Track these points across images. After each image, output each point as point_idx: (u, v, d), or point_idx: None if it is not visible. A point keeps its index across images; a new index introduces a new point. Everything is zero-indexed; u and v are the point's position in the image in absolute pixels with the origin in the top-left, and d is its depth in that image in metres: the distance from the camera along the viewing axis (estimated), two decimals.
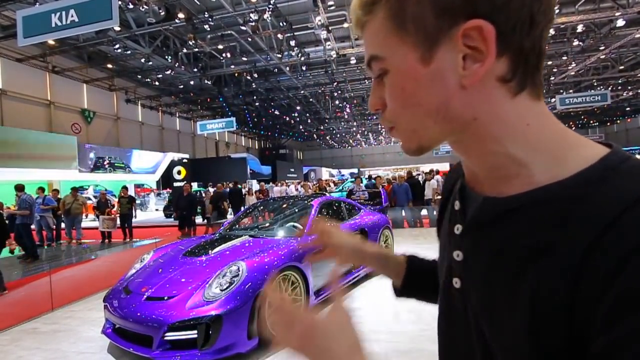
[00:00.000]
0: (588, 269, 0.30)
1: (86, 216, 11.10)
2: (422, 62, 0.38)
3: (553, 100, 19.94)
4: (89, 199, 13.51)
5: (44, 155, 13.33)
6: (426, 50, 0.37)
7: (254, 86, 18.23)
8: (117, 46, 12.36)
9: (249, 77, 17.01)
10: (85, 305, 4.26)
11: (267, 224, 4.43)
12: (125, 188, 9.80)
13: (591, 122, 37.11)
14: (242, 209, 10.16)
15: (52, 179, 13.53)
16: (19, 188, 7.40)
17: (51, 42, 12.32)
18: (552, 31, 13.00)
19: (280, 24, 11.60)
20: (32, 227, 8.39)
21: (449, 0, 0.35)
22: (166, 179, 19.79)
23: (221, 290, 2.68)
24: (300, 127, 31.52)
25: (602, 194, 0.32)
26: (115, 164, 17.35)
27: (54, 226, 9.31)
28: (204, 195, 10.43)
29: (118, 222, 9.23)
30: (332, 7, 10.17)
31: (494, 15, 0.34)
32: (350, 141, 44.60)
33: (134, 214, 9.61)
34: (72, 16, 5.68)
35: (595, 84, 21.01)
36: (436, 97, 0.38)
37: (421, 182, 10.31)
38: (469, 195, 0.45)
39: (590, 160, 0.35)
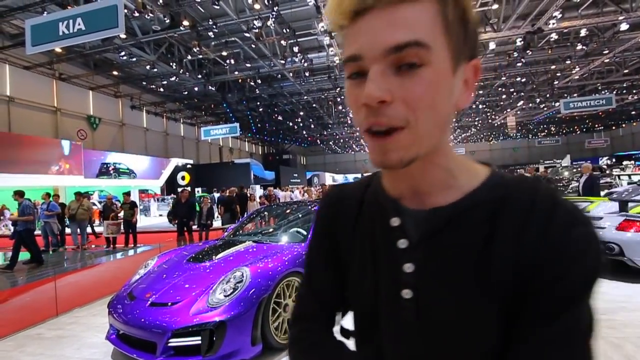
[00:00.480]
0: (526, 236, 0.41)
1: (94, 222, 11.11)
2: (452, 71, 0.41)
3: (557, 104, 19.89)
4: (94, 204, 13.59)
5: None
6: (455, 63, 0.41)
7: (258, 92, 18.36)
8: (122, 53, 12.52)
9: (252, 83, 17.14)
10: (89, 311, 4.27)
11: (271, 230, 4.43)
12: (127, 194, 9.62)
13: (596, 126, 36.89)
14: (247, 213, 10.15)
15: (58, 185, 13.64)
16: (20, 194, 7.34)
17: (58, 50, 12.50)
18: (554, 35, 13.06)
19: (284, 30, 11.70)
20: (38, 232, 8.44)
21: (473, 39, 0.44)
22: (170, 185, 19.88)
23: (225, 296, 2.67)
24: (304, 132, 31.62)
25: (515, 190, 0.44)
26: (120, 170, 17.46)
27: (58, 232, 9.32)
28: (202, 201, 9.55)
29: (122, 227, 9.16)
30: None
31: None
32: (354, 146, 44.60)
33: (137, 220, 9.39)
34: (79, 24, 5.78)
35: (599, 87, 20.90)
36: (448, 108, 0.42)
37: None
38: (404, 211, 0.48)
39: (485, 172, 0.48)
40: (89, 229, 10.82)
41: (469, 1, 0.42)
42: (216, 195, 17.04)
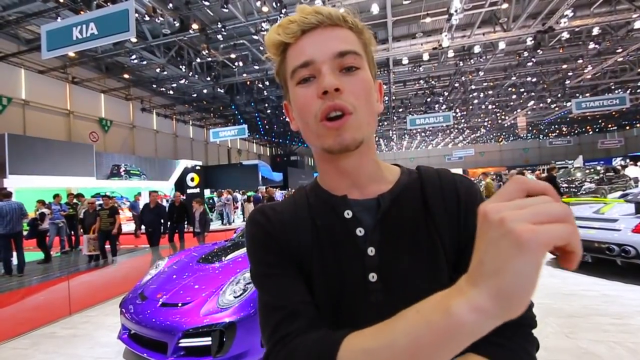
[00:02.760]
0: (448, 203, 0.56)
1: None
2: (372, 79, 0.56)
3: (569, 104, 19.53)
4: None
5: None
6: (372, 77, 0.56)
7: (266, 94, 18.45)
8: (133, 57, 12.73)
9: (260, 85, 17.24)
10: (101, 310, 4.34)
11: None
12: (105, 196, 7.40)
13: (609, 126, 36.13)
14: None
15: (70, 186, 13.90)
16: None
17: (71, 54, 12.76)
18: (566, 34, 12.85)
19: None
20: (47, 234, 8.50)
21: (375, 65, 0.59)
22: (180, 186, 20.10)
23: (235, 297, 2.69)
24: None
25: (425, 172, 0.60)
26: (131, 171, 17.71)
27: (66, 235, 9.27)
28: (194, 205, 7.56)
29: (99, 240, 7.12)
30: None
31: None
32: None
33: (119, 230, 7.17)
34: (91, 29, 5.89)
35: (612, 87, 20.48)
36: (375, 106, 0.56)
37: None
38: (353, 203, 0.57)
39: (397, 167, 0.63)
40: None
41: (372, 39, 0.57)
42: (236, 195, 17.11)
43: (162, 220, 6.93)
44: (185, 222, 7.50)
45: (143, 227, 7.00)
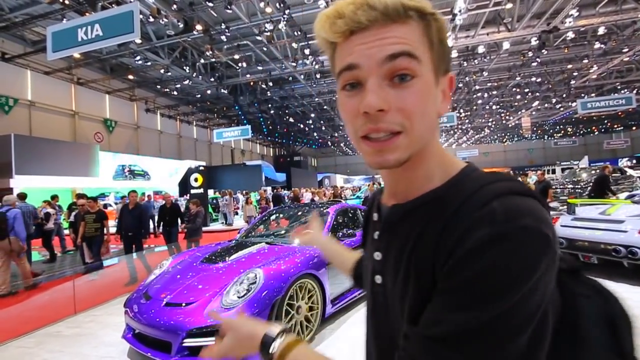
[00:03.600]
0: (440, 245, 0.42)
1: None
2: (435, 82, 0.47)
3: (574, 104, 19.39)
4: (110, 205, 13.86)
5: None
6: (436, 76, 0.47)
7: (269, 94, 18.49)
8: (138, 58, 12.82)
9: (264, 86, 17.28)
10: (106, 309, 4.36)
11: (283, 231, 4.44)
12: (92, 199, 6.31)
13: (615, 126, 35.81)
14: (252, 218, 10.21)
15: (75, 186, 14.01)
16: None
17: (76, 55, 12.86)
18: (571, 34, 12.76)
19: (295, 33, 11.76)
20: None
21: (448, 56, 0.50)
22: (184, 187, 20.17)
23: (239, 298, 2.69)
24: (315, 134, 31.68)
25: (453, 192, 0.46)
26: (135, 172, 17.81)
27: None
28: (190, 207, 6.99)
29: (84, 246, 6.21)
30: None
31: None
32: None
33: (105, 237, 6.16)
34: (96, 30, 5.94)
35: (618, 87, 20.31)
36: (435, 114, 0.48)
37: None
38: (381, 207, 0.57)
39: (454, 170, 0.50)
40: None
41: (445, 26, 0.48)
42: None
43: (142, 223, 6.08)
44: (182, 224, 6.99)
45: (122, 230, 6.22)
